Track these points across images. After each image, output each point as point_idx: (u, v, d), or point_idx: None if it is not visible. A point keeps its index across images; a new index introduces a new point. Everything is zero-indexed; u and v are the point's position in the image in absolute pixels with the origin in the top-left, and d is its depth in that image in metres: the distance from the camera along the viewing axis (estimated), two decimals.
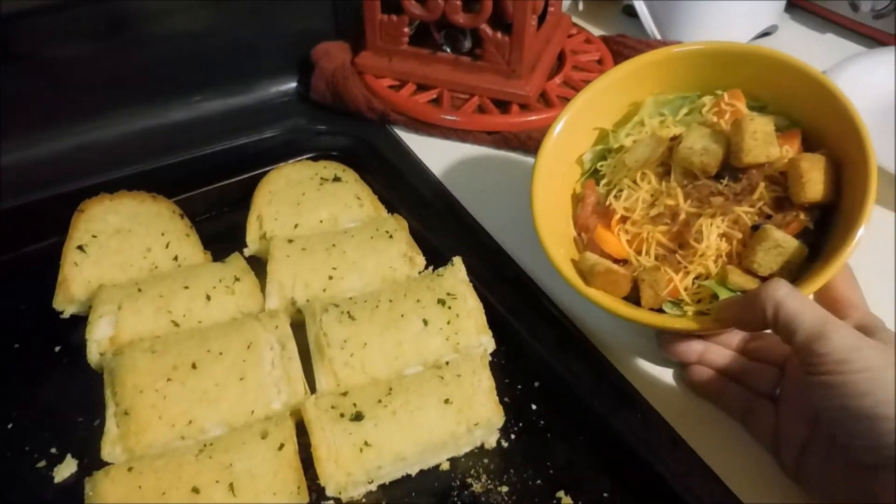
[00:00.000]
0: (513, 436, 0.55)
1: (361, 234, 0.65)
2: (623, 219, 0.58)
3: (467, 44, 0.82)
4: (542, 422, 0.56)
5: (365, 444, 0.49)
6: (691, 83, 0.63)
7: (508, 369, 0.59)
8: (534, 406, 0.57)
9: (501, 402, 0.54)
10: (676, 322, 0.53)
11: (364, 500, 0.51)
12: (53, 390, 0.57)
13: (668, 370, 0.58)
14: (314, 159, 0.76)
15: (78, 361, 0.56)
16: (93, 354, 0.56)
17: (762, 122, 0.54)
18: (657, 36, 0.97)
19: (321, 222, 0.68)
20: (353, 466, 0.49)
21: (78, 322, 0.59)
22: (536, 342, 0.60)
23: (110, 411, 0.51)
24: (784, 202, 0.54)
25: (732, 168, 0.56)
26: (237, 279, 0.60)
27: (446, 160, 0.79)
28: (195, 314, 0.58)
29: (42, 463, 0.52)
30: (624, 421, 0.54)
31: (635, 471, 0.52)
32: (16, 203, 0.69)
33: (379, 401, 0.52)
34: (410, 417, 0.51)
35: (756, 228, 0.53)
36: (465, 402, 0.52)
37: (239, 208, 0.69)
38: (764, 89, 0.60)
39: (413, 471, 0.53)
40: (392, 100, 0.83)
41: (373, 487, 0.51)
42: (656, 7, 0.97)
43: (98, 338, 0.56)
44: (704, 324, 0.51)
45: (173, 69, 0.81)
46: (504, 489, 0.52)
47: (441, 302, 0.58)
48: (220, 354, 0.53)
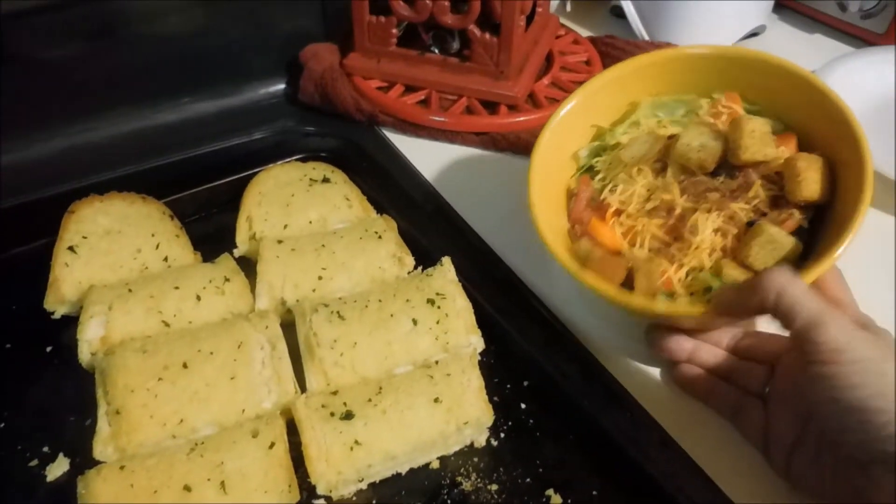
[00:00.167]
0: (502, 435, 0.55)
1: (351, 235, 0.65)
2: (618, 212, 0.58)
3: (455, 45, 0.82)
4: (532, 421, 0.56)
5: (355, 443, 0.50)
6: (688, 85, 0.63)
7: (497, 369, 0.59)
8: (523, 405, 0.57)
9: (491, 402, 0.54)
10: (672, 308, 0.52)
11: (354, 499, 0.51)
12: (45, 390, 0.57)
13: (657, 370, 0.58)
14: (303, 160, 0.76)
15: (69, 361, 0.57)
16: (84, 354, 0.56)
17: (760, 122, 0.55)
18: (645, 37, 0.97)
19: (310, 223, 0.68)
20: (344, 465, 0.49)
21: (69, 322, 0.60)
22: (525, 342, 0.60)
23: (102, 411, 0.51)
24: (779, 201, 0.55)
25: (729, 166, 0.57)
26: (227, 280, 0.61)
27: (435, 161, 0.79)
28: (185, 314, 0.58)
29: (34, 462, 0.52)
30: (613, 420, 0.54)
31: (625, 470, 0.52)
32: (6, 204, 0.69)
33: (369, 400, 0.52)
34: (400, 416, 0.51)
35: (751, 225, 0.53)
36: (455, 402, 0.53)
37: (228, 209, 0.69)
38: (760, 93, 0.61)
39: (403, 469, 0.53)
40: (380, 101, 0.83)
41: (363, 486, 0.52)
42: (644, 8, 0.97)
43: (89, 338, 0.56)
44: (701, 310, 0.50)
45: (162, 71, 0.81)
46: (494, 487, 0.52)
47: (430, 302, 0.59)
48: (211, 354, 0.54)
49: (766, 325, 0.56)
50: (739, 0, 0.96)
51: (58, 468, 0.52)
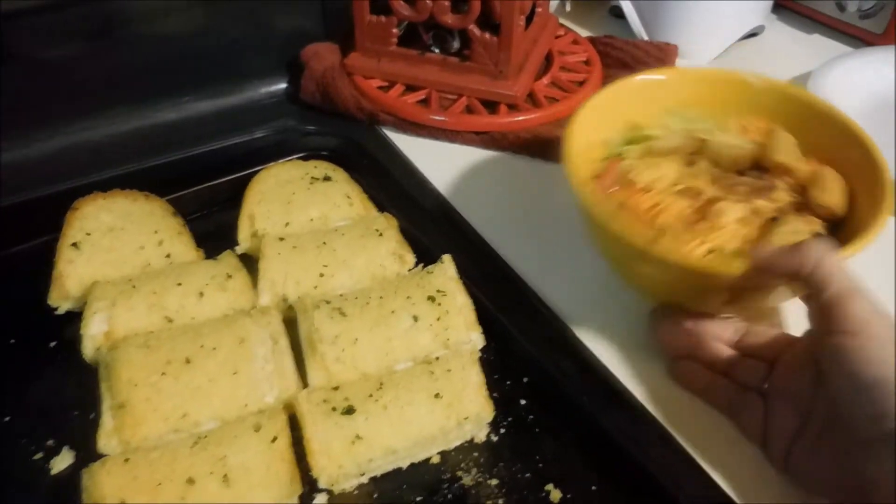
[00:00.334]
0: (502, 430, 0.56)
1: (352, 233, 0.65)
2: (644, 190, 0.58)
3: (455, 44, 0.83)
4: (531, 417, 0.56)
5: (356, 438, 0.50)
6: (725, 105, 0.64)
7: (497, 366, 0.59)
8: (522, 402, 0.57)
9: (491, 398, 0.54)
10: (709, 263, 0.51)
11: (356, 493, 0.52)
12: (49, 385, 0.57)
13: (656, 368, 0.58)
14: (304, 159, 0.77)
15: (73, 356, 0.57)
16: (88, 350, 0.56)
17: (792, 137, 0.58)
18: (644, 37, 0.98)
19: (312, 221, 0.68)
20: (345, 459, 0.49)
21: (72, 318, 0.60)
22: (525, 339, 0.60)
23: (106, 405, 0.52)
24: (802, 208, 0.56)
25: (759, 169, 0.58)
26: (229, 276, 0.61)
27: (435, 160, 0.79)
28: (188, 311, 0.58)
29: (39, 455, 0.53)
30: (612, 418, 0.55)
31: (624, 467, 0.53)
32: (8, 202, 0.69)
33: (370, 395, 0.52)
34: (401, 412, 0.52)
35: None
36: (455, 397, 0.53)
37: (230, 207, 0.70)
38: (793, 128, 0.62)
39: (404, 464, 0.53)
40: (381, 100, 0.83)
41: (364, 480, 0.52)
42: (643, 8, 0.98)
43: (93, 333, 0.56)
44: (738, 270, 0.49)
45: (164, 70, 0.81)
46: (494, 482, 0.52)
47: (431, 299, 0.59)
48: (214, 350, 0.54)
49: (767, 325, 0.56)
50: (738, 0, 0.96)
51: (62, 461, 0.52)
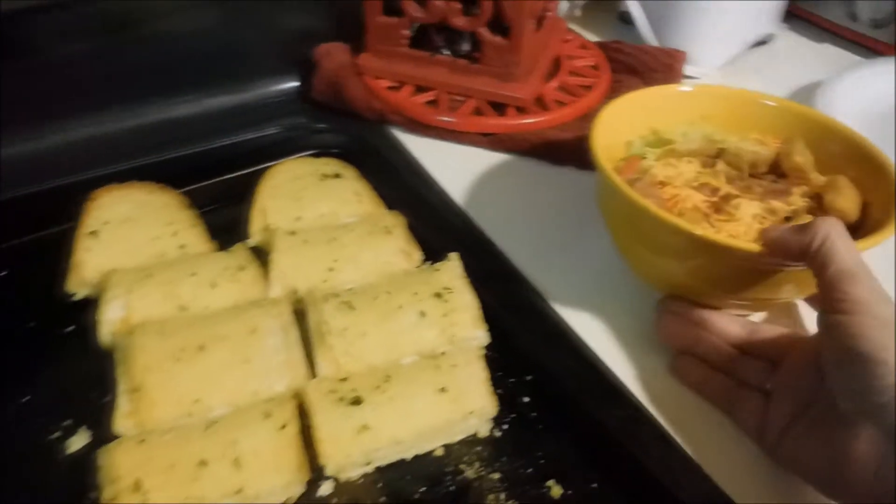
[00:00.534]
0: (505, 426, 0.57)
1: (360, 229, 0.67)
2: (662, 184, 0.59)
3: (466, 47, 0.84)
4: (534, 414, 0.57)
5: (363, 427, 0.51)
6: (737, 121, 0.66)
7: (501, 363, 0.60)
8: (525, 399, 0.58)
9: (494, 394, 0.55)
10: (729, 240, 0.51)
11: (361, 481, 0.53)
12: (66, 368, 0.59)
13: (656, 369, 0.59)
14: (315, 156, 0.78)
15: (89, 341, 0.58)
16: (104, 335, 0.57)
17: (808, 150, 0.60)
18: (653, 42, 0.98)
19: (321, 217, 0.70)
20: (352, 448, 0.51)
21: (89, 304, 0.61)
22: (528, 338, 0.62)
23: (121, 388, 0.53)
24: (815, 212, 0.57)
25: (776, 174, 0.60)
26: (242, 268, 0.62)
27: (443, 160, 0.80)
28: (201, 300, 0.60)
29: (56, 434, 0.54)
30: (612, 416, 0.56)
31: (624, 464, 0.54)
32: (28, 191, 0.71)
33: (377, 387, 0.53)
34: (407, 404, 0.53)
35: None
36: (460, 392, 0.54)
37: (242, 201, 0.71)
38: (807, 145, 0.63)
39: (408, 455, 0.54)
40: (391, 100, 0.85)
41: (369, 469, 0.53)
42: (653, 14, 0.98)
43: (109, 319, 0.58)
44: (756, 248, 0.50)
45: (180, 67, 0.83)
46: (496, 476, 0.53)
47: (437, 295, 0.60)
48: (226, 338, 0.55)
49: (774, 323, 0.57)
50: (748, 8, 0.96)
51: (78, 441, 0.53)
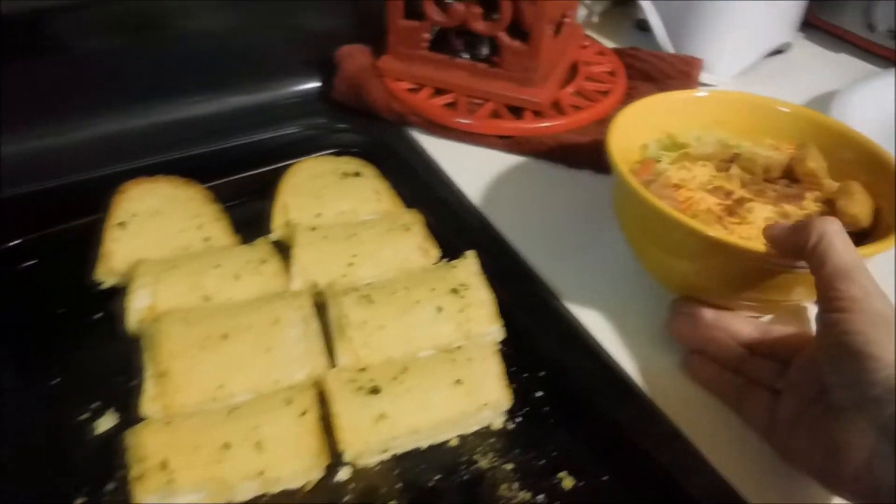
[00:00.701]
0: (518, 419, 0.58)
1: (379, 226, 0.68)
2: (677, 186, 0.60)
3: (485, 51, 0.85)
4: (546, 408, 0.59)
5: (381, 416, 0.53)
6: (751, 127, 0.66)
7: (515, 358, 0.61)
8: (538, 394, 0.60)
9: (509, 388, 0.57)
10: (735, 240, 0.52)
11: (378, 468, 0.54)
12: (94, 353, 0.61)
13: (667, 367, 0.60)
14: (336, 155, 0.80)
15: (117, 328, 0.60)
16: (131, 322, 0.59)
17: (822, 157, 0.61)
18: (670, 50, 0.99)
19: (341, 213, 0.71)
20: (370, 435, 0.52)
21: (116, 293, 0.63)
22: (543, 335, 0.63)
23: (148, 373, 0.55)
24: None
25: (790, 179, 0.61)
26: (264, 261, 0.64)
27: (460, 161, 0.82)
28: (225, 291, 0.61)
29: (84, 416, 0.56)
30: (624, 413, 0.57)
31: (635, 460, 0.55)
32: (57, 183, 0.73)
33: (395, 378, 0.55)
34: (424, 395, 0.54)
35: None
36: (476, 384, 0.56)
37: (265, 197, 0.72)
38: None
39: (424, 444, 0.56)
40: (410, 102, 0.86)
41: (386, 456, 0.55)
42: (670, 21, 0.99)
43: (137, 307, 0.59)
44: (761, 248, 0.51)
45: (206, 66, 0.85)
46: (508, 467, 0.55)
47: (454, 291, 0.61)
48: (249, 328, 0.57)
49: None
50: (766, 17, 0.97)
51: (105, 422, 0.55)
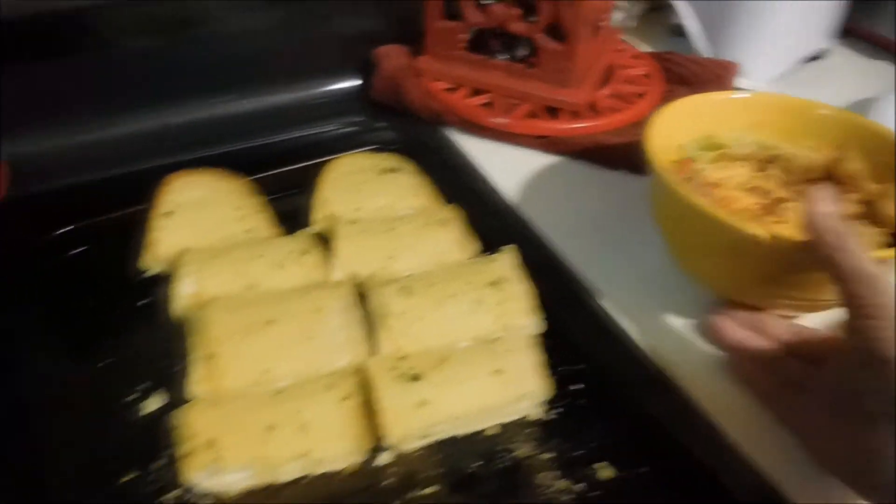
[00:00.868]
0: (557, 410, 0.58)
1: (418, 221, 0.69)
2: (714, 186, 0.60)
3: (522, 52, 0.86)
4: (584, 400, 0.59)
5: (423, 402, 0.53)
6: (791, 130, 0.66)
7: (553, 351, 0.61)
8: (577, 386, 0.60)
9: (547, 378, 0.57)
10: (783, 235, 0.51)
11: (418, 454, 0.55)
12: (141, 337, 0.62)
13: (705, 362, 0.60)
14: (374, 152, 0.81)
15: (161, 314, 0.62)
16: (177, 308, 0.61)
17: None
18: (707, 54, 0.99)
19: (380, 208, 0.72)
20: (412, 421, 0.53)
21: (161, 280, 0.65)
22: (580, 330, 0.63)
23: (195, 356, 0.56)
24: (868, 220, 0.58)
25: (831, 180, 0.60)
26: (305, 252, 0.65)
27: (497, 160, 0.82)
28: (268, 280, 0.62)
29: (132, 396, 0.57)
30: (662, 408, 0.57)
31: (674, 454, 0.55)
32: (107, 174, 0.75)
33: (435, 366, 0.55)
34: (464, 383, 0.55)
35: None
36: (515, 375, 0.56)
37: (305, 191, 0.74)
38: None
39: (464, 431, 0.56)
40: (447, 102, 0.87)
41: (426, 443, 0.55)
42: (706, 25, 0.99)
43: (182, 294, 0.61)
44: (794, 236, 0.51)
45: (250, 65, 0.87)
46: (546, 456, 0.55)
47: (493, 284, 0.62)
48: (292, 316, 0.58)
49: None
50: (803, 23, 0.97)
51: (152, 403, 0.56)
